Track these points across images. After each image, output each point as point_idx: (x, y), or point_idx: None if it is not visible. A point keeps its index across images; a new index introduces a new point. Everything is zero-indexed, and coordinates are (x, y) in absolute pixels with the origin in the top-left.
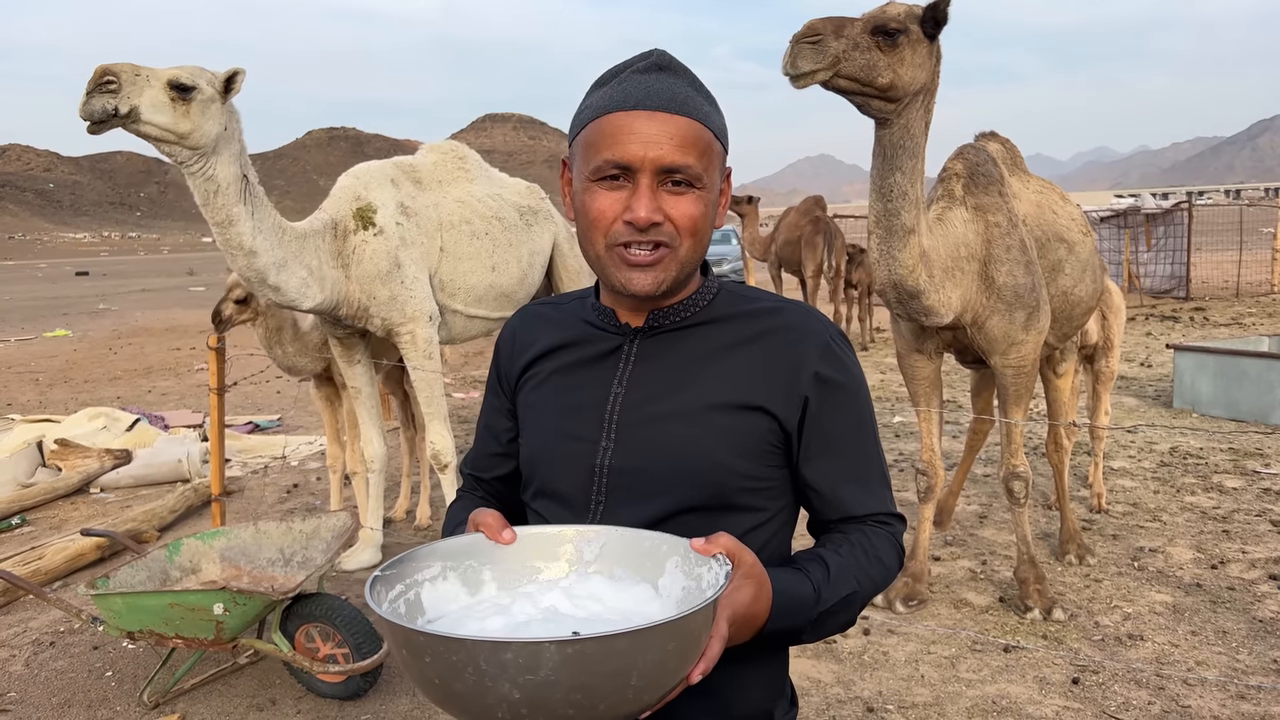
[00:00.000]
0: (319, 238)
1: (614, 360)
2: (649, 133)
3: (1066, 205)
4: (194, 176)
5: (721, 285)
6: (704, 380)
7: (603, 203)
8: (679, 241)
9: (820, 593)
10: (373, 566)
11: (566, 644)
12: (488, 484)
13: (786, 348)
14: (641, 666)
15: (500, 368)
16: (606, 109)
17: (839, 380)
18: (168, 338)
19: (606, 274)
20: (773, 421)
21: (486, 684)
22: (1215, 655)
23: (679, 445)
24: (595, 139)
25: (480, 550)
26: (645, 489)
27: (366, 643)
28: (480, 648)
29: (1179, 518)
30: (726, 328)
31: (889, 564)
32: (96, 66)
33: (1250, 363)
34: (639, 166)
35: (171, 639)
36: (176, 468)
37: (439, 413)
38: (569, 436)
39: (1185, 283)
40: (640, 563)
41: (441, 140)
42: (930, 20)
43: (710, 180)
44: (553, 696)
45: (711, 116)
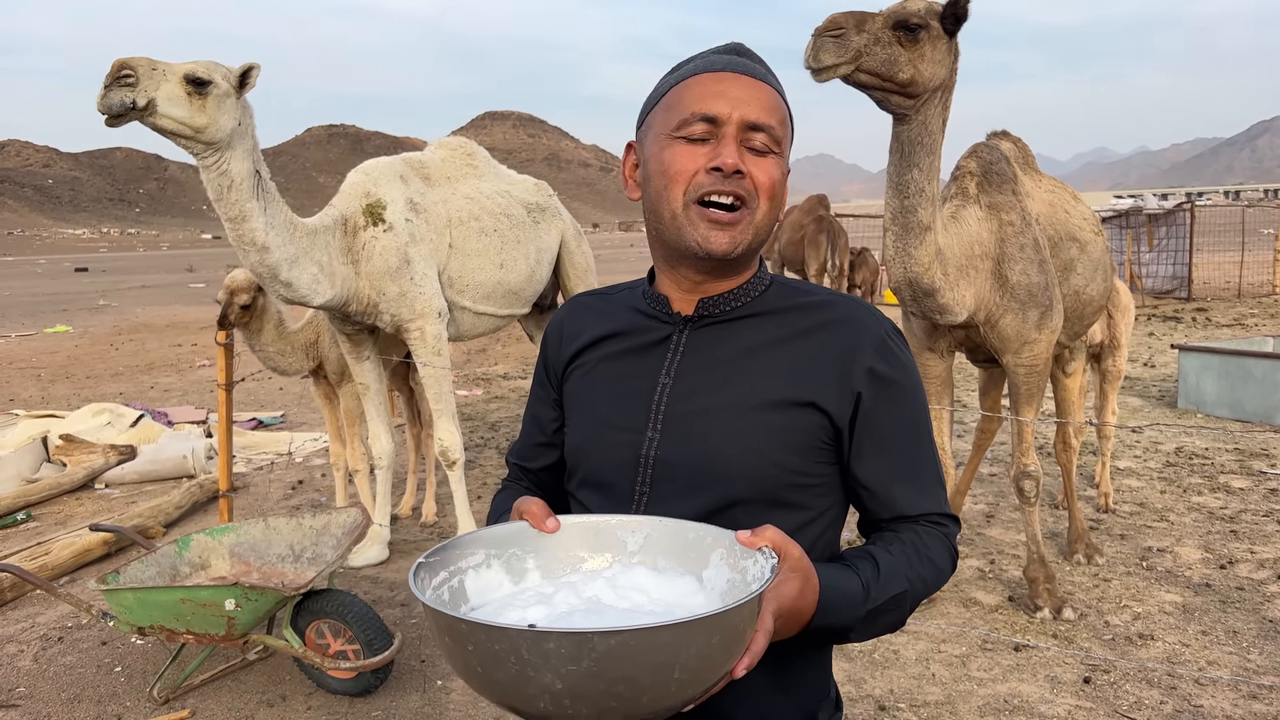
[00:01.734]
0: (329, 234)
1: (663, 350)
2: (736, 93)
3: (1078, 205)
4: (208, 171)
5: (774, 278)
6: (754, 374)
7: (685, 157)
8: (757, 202)
9: (869, 590)
10: (380, 563)
11: (610, 635)
12: (533, 474)
13: (840, 342)
14: (685, 659)
15: (548, 358)
16: (694, 73)
17: (893, 377)
18: (169, 334)
19: (681, 235)
20: (824, 418)
21: (529, 674)
22: (1226, 655)
23: (727, 439)
24: (680, 98)
25: (524, 538)
26: (691, 482)
27: (378, 639)
28: (523, 637)
29: (1186, 518)
30: (778, 320)
31: (941, 565)
32: (114, 60)
33: (1255, 363)
34: (726, 120)
35: (182, 634)
36: (181, 463)
37: (447, 409)
38: (615, 426)
39: (1187, 283)
40: (684, 554)
41: (449, 136)
42: (951, 16)
43: (784, 151)
44: (595, 687)
45: (787, 102)
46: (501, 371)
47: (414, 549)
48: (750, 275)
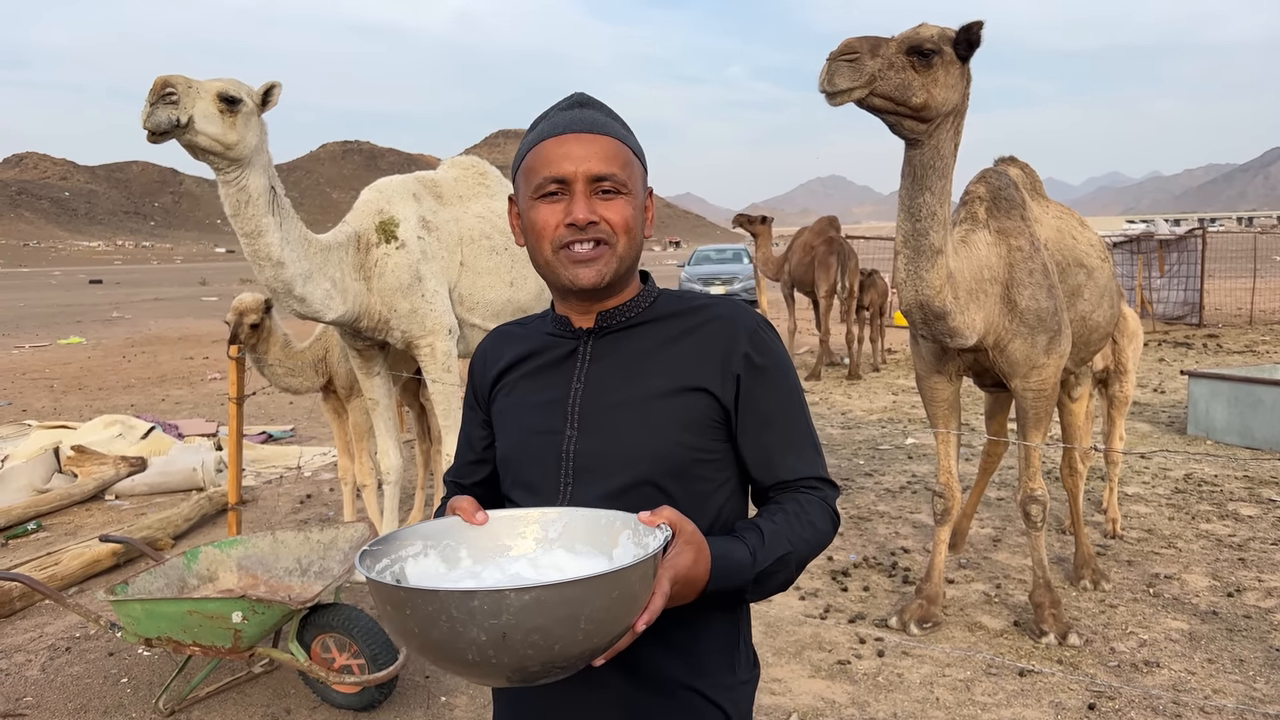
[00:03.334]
0: (343, 250)
1: (572, 361)
2: (577, 152)
3: (1085, 231)
4: (228, 186)
5: (660, 290)
6: (652, 370)
7: (545, 214)
8: (616, 239)
9: (756, 556)
10: None
11: (524, 591)
12: (469, 489)
13: (719, 336)
14: (589, 612)
15: (475, 384)
16: (539, 140)
17: (766, 363)
18: (181, 347)
19: (556, 275)
20: (712, 400)
21: (458, 629)
22: (1232, 684)
23: (635, 426)
24: (533, 165)
25: (456, 531)
26: (608, 468)
27: (383, 654)
28: (451, 597)
29: (1194, 545)
30: (668, 324)
31: (822, 527)
32: (156, 78)
33: (1266, 390)
34: (572, 178)
35: (189, 646)
36: (191, 476)
37: (456, 425)
38: (538, 431)
39: (1198, 309)
40: (597, 537)
41: (462, 155)
42: (963, 42)
43: (635, 188)
44: (514, 638)
45: (628, 138)
46: None
47: None
48: (638, 290)
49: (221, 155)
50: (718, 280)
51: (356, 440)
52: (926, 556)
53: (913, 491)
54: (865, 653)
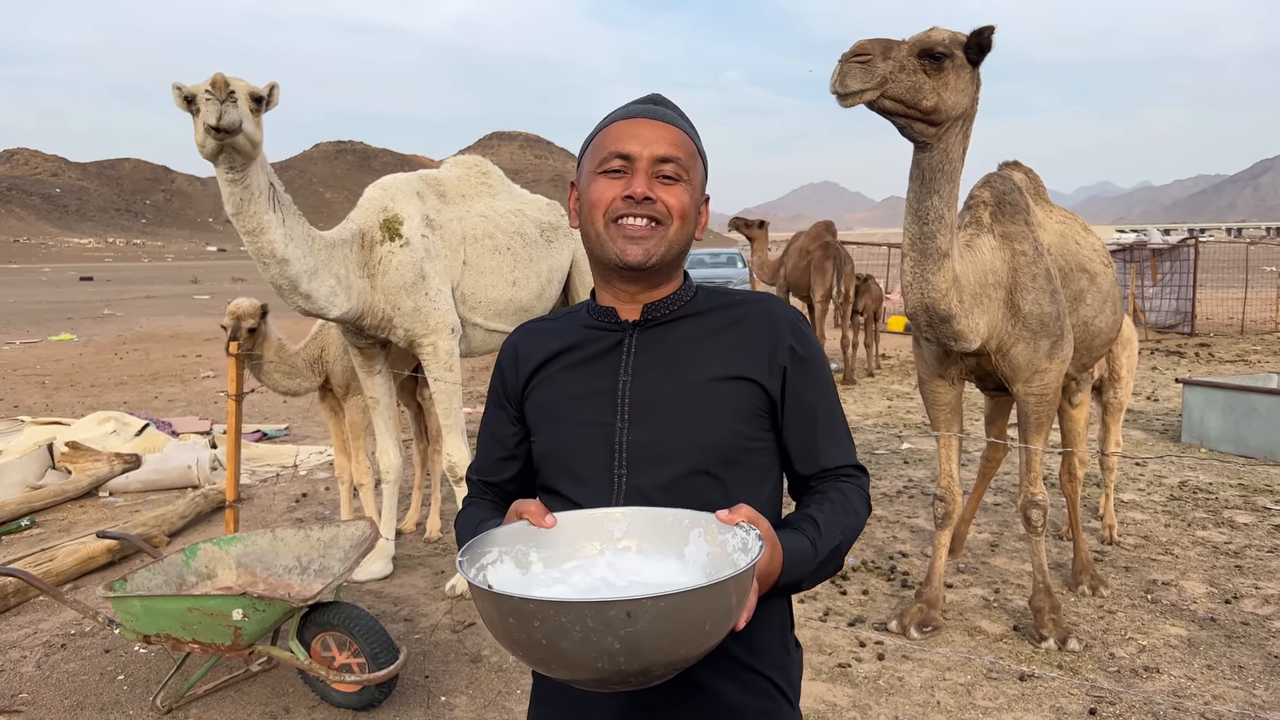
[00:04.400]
0: (347, 247)
1: (618, 353)
2: (645, 134)
3: (1089, 236)
4: (234, 185)
5: (699, 286)
6: (700, 360)
7: (603, 187)
8: (669, 221)
9: (816, 547)
10: (384, 578)
11: (660, 599)
12: (497, 487)
13: (764, 328)
14: (714, 614)
15: (505, 380)
16: (610, 122)
17: (808, 355)
18: (173, 344)
19: (604, 249)
20: (760, 390)
21: (592, 639)
22: (1232, 690)
23: (688, 415)
24: (602, 142)
25: (526, 535)
26: (661, 457)
27: (383, 653)
28: (588, 608)
29: (1191, 551)
30: (710, 317)
31: (862, 514)
32: (217, 76)
33: (1260, 399)
34: (637, 156)
35: (188, 644)
36: (186, 473)
37: (457, 425)
38: (586, 423)
39: (1190, 318)
40: (665, 536)
41: (465, 155)
42: (974, 47)
43: (694, 181)
44: (646, 645)
45: (696, 138)
46: None
47: (418, 564)
48: (680, 284)
49: (247, 155)
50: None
51: (353, 439)
52: (924, 561)
53: (909, 496)
54: (865, 656)
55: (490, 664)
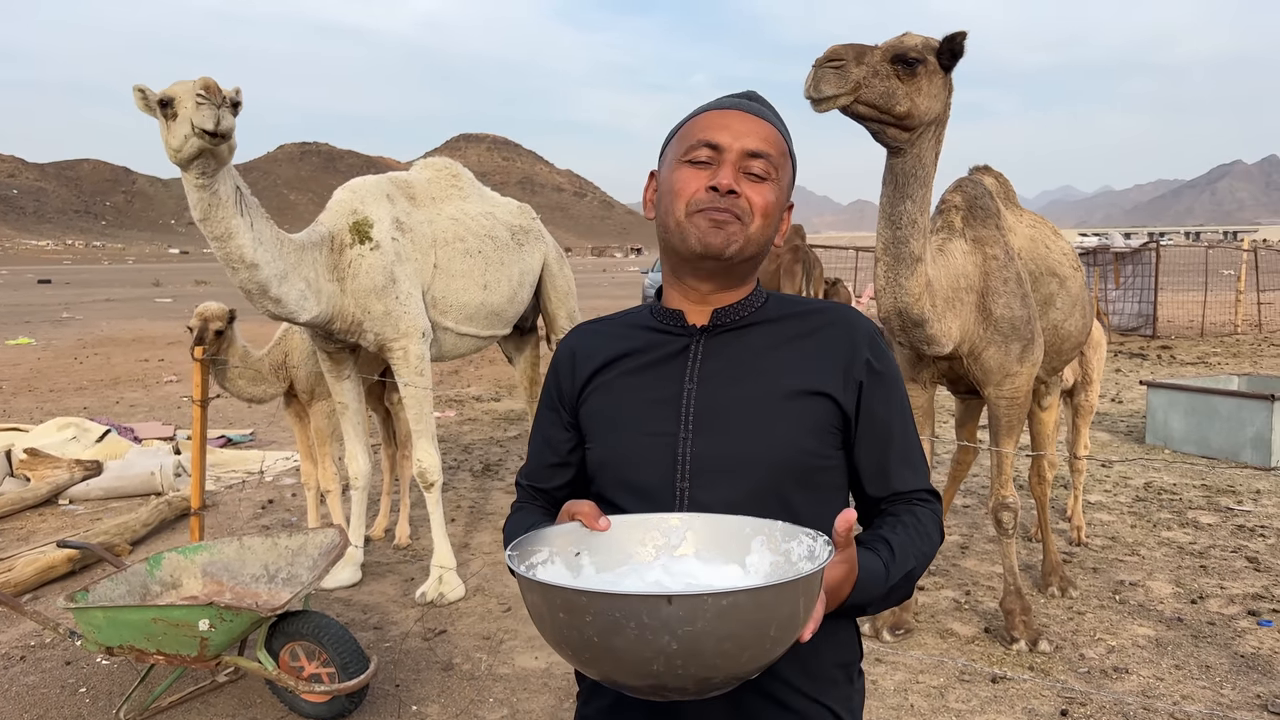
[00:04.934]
0: (317, 250)
1: (683, 359)
2: (738, 126)
3: (1058, 240)
4: (202, 190)
5: (769, 293)
6: (771, 371)
7: (688, 176)
8: (751, 218)
9: (889, 571)
10: (353, 585)
11: (723, 596)
12: (547, 493)
13: (841, 340)
14: (780, 619)
15: (560, 383)
16: (703, 110)
17: (885, 370)
18: (135, 348)
19: (684, 236)
20: (834, 405)
21: (647, 637)
22: (1200, 689)
23: (756, 429)
24: (691, 130)
25: (578, 537)
26: (728, 472)
27: (353, 662)
28: (644, 602)
29: (1157, 552)
30: (783, 325)
31: (935, 539)
32: (210, 81)
33: (1221, 401)
34: (727, 148)
35: (152, 655)
36: (149, 480)
37: (428, 430)
38: (647, 432)
39: (1152, 321)
40: (725, 544)
41: (434, 157)
42: (947, 52)
43: (782, 183)
44: (705, 647)
45: (789, 139)
46: (475, 393)
47: (387, 571)
48: (751, 290)
49: (222, 160)
50: None
51: (319, 445)
52: None
53: None
54: None
55: (462, 672)
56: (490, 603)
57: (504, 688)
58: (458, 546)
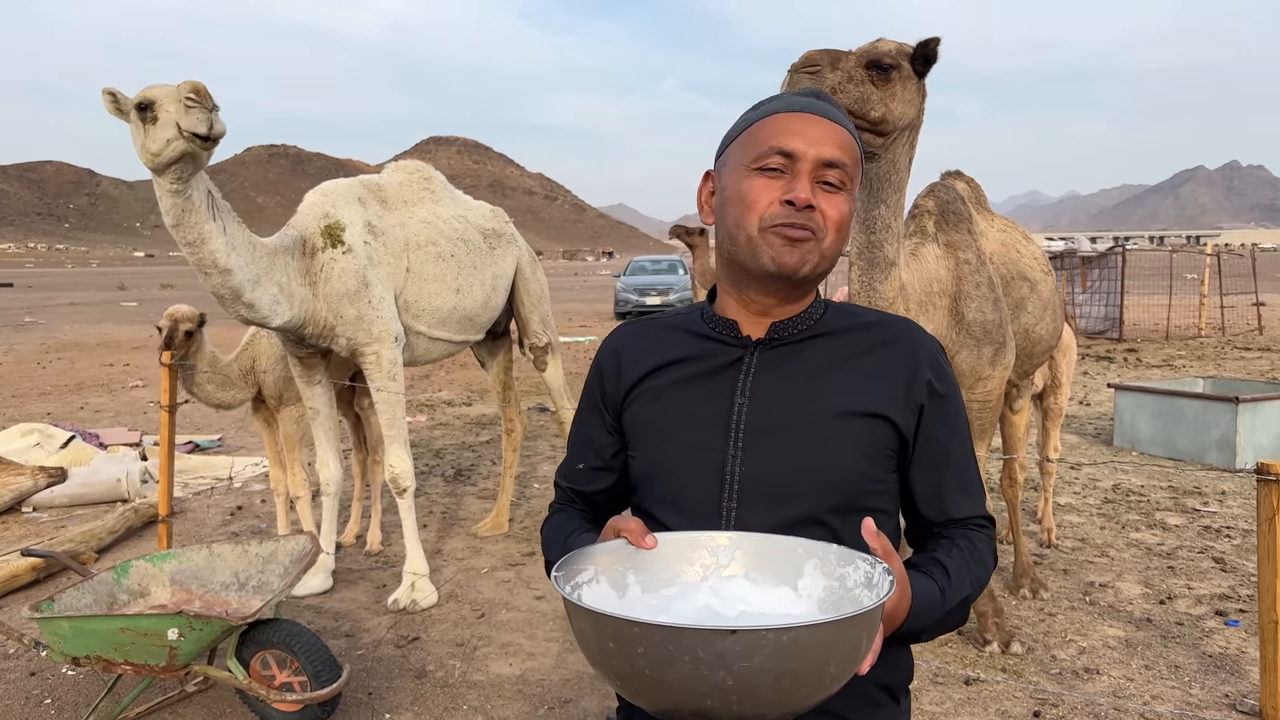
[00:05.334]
0: (289, 254)
1: (735, 371)
2: (813, 132)
3: (1029, 244)
4: (175, 196)
5: (828, 303)
6: (827, 390)
7: (761, 187)
8: (825, 233)
9: (945, 595)
10: (324, 592)
11: (783, 631)
12: (587, 497)
13: (902, 358)
14: (840, 654)
15: (603, 384)
16: (773, 112)
17: (947, 391)
18: (100, 353)
19: (756, 253)
20: (892, 428)
21: (702, 672)
22: (1169, 689)
23: (810, 451)
24: (760, 134)
25: (624, 555)
26: (778, 495)
27: (325, 671)
28: (701, 636)
29: (1125, 553)
30: (842, 340)
31: (989, 565)
32: (199, 84)
33: (1187, 403)
34: (802, 156)
35: (120, 665)
36: (115, 487)
37: (400, 435)
38: (695, 447)
39: (1119, 324)
40: (776, 566)
41: (406, 160)
42: (921, 58)
43: (852, 190)
44: (763, 682)
45: (860, 142)
46: (446, 398)
47: (359, 578)
48: (810, 303)
49: (200, 165)
50: (654, 291)
51: (288, 451)
52: None
53: None
54: None
55: (435, 679)
56: (464, 609)
57: (478, 695)
58: (430, 552)
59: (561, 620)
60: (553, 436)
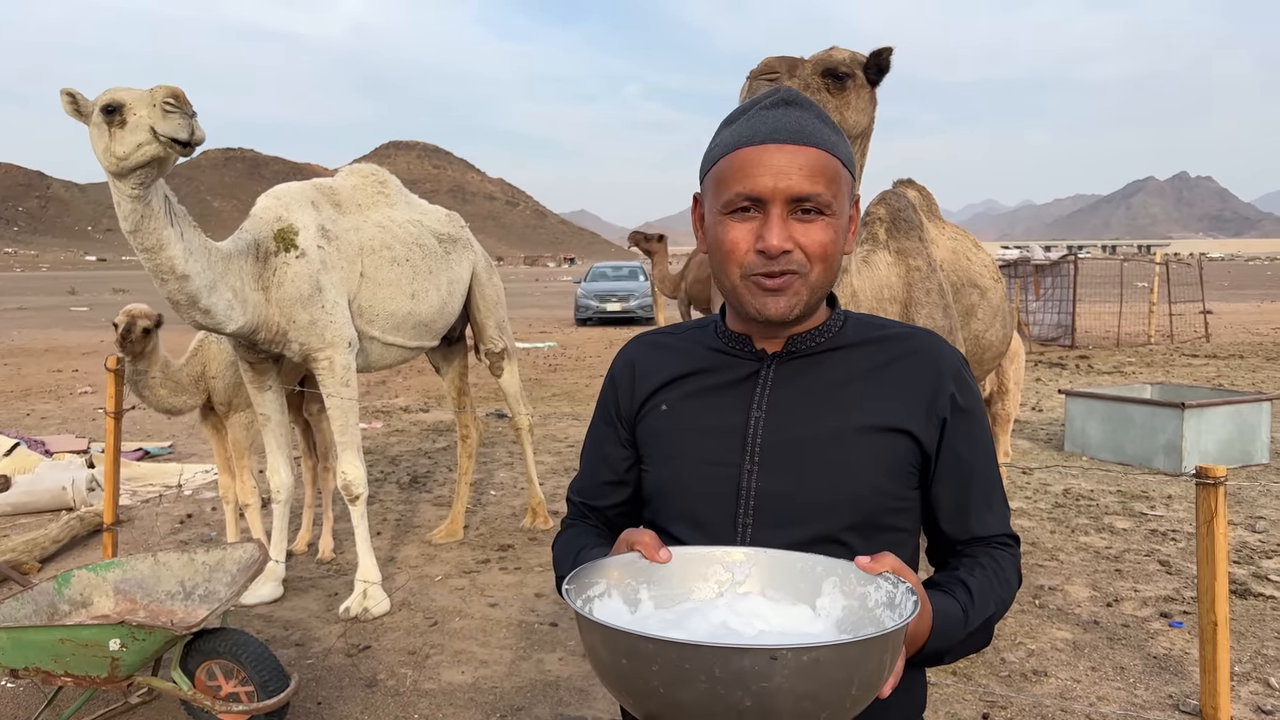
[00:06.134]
0: (243, 259)
1: (750, 385)
2: (778, 164)
3: (979, 252)
4: (137, 201)
5: (848, 314)
6: (847, 404)
7: (736, 234)
8: (809, 268)
9: (968, 614)
10: (274, 601)
11: (803, 651)
12: (600, 512)
13: (924, 372)
14: (861, 676)
15: (618, 396)
16: (736, 145)
17: (970, 406)
18: (48, 359)
19: (741, 302)
20: (914, 443)
21: (719, 691)
22: (1115, 690)
23: (830, 467)
24: (726, 174)
25: (637, 569)
26: (796, 512)
27: (272, 680)
28: (718, 655)
29: (1075, 557)
30: (861, 353)
31: (1014, 585)
32: (180, 91)
33: (1135, 409)
34: (770, 197)
35: (60, 677)
36: (60, 495)
37: (353, 442)
38: (709, 461)
39: (1071, 331)
40: (794, 584)
41: (360, 164)
42: (874, 67)
43: (839, 207)
44: (782, 705)
45: (839, 145)
46: (403, 404)
47: (310, 586)
48: (827, 316)
49: (165, 170)
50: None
51: (236, 458)
52: None
53: None
54: None
55: (386, 688)
56: (416, 617)
57: (429, 704)
58: (384, 560)
59: (514, 628)
60: (510, 443)
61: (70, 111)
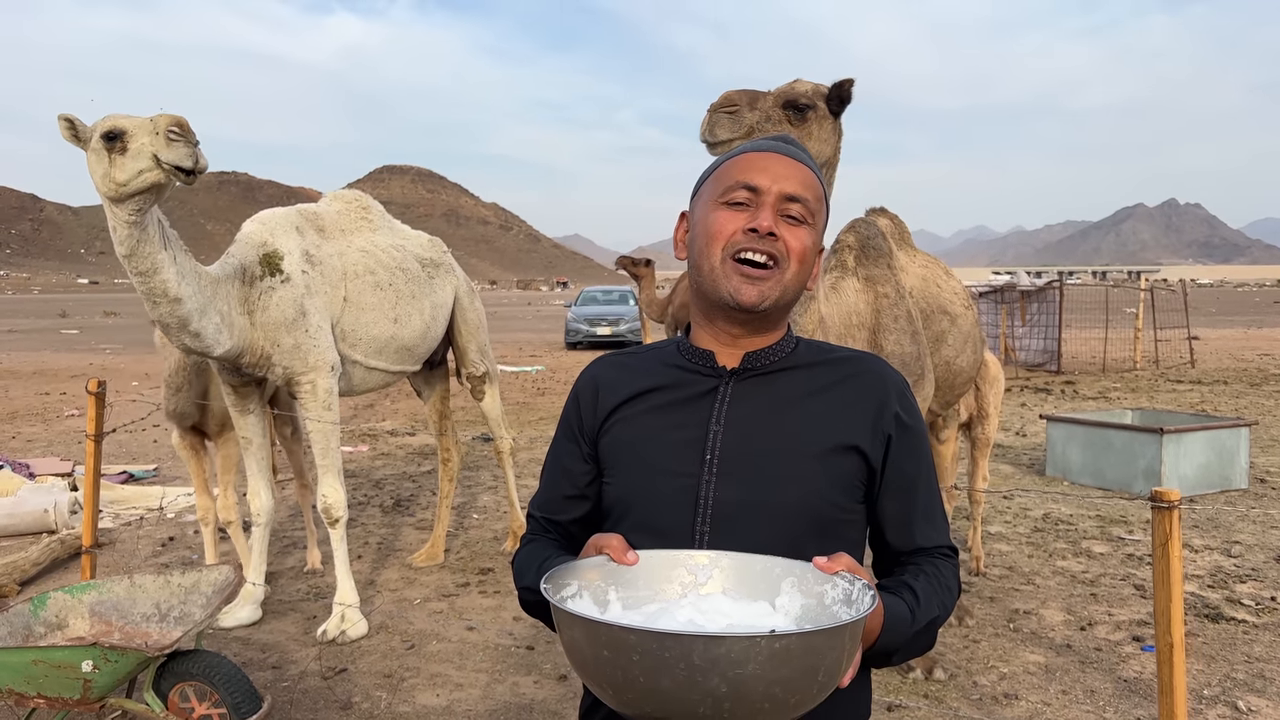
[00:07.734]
0: (230, 283)
1: (710, 400)
2: (776, 169)
3: (950, 280)
4: (133, 226)
5: (799, 338)
6: (800, 420)
7: (725, 218)
8: (787, 263)
9: (915, 615)
10: (253, 624)
11: (776, 639)
12: (562, 526)
13: (871, 391)
14: (828, 663)
15: (581, 413)
16: (741, 152)
17: (913, 424)
18: (36, 381)
19: (718, 285)
20: (862, 459)
21: (696, 679)
22: (1084, 713)
23: (784, 480)
24: (728, 170)
25: (607, 571)
26: (752, 520)
27: (245, 702)
28: (696, 643)
29: (1051, 581)
30: (814, 373)
31: (954, 591)
32: (179, 119)
33: (1115, 434)
34: (766, 190)
35: (33, 699)
36: (42, 518)
37: (333, 465)
38: (670, 472)
39: (1057, 357)
40: (753, 584)
41: (344, 189)
42: (835, 98)
43: (816, 225)
44: (755, 690)
45: (821, 181)
46: (389, 428)
47: (289, 609)
48: (784, 334)
49: (162, 196)
50: (604, 321)
51: (223, 474)
52: None
53: None
54: None
55: (361, 711)
56: (394, 640)
57: None
58: (364, 583)
59: (491, 651)
60: (494, 466)
61: (68, 137)
